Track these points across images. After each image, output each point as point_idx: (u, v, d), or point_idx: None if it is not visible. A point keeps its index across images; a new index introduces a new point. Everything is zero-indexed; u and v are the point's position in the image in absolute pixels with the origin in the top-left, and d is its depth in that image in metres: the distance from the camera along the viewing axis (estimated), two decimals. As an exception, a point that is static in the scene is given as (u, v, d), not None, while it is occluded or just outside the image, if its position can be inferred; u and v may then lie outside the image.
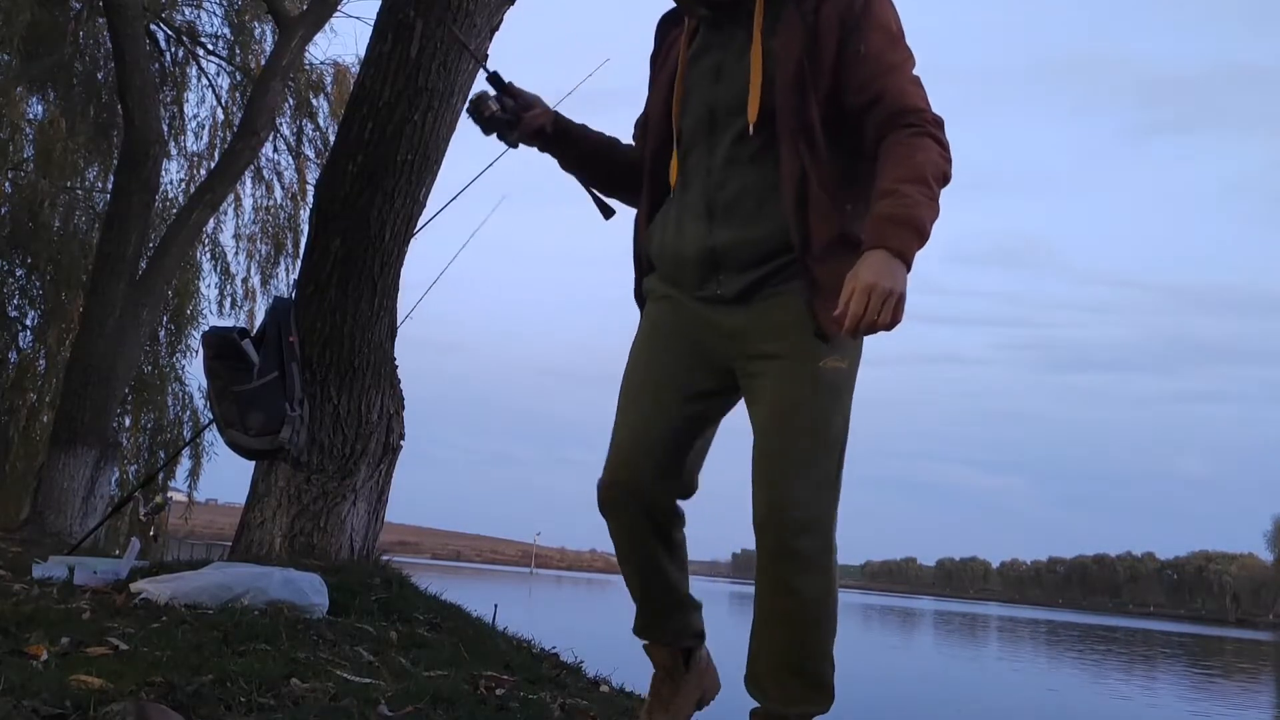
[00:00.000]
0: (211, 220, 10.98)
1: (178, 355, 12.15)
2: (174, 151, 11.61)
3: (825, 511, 1.84)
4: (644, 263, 2.10)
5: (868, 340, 1.85)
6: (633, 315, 2.13)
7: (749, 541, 1.87)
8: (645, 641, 2.11)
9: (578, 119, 2.20)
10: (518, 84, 2.13)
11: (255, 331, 3.78)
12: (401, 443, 3.97)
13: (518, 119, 2.09)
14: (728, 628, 1.63)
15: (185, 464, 11.87)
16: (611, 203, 2.20)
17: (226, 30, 11.73)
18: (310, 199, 6.65)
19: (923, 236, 1.72)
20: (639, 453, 1.95)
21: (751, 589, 1.94)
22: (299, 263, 4.19)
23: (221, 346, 3.67)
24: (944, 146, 1.82)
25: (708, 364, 1.98)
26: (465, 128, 4.18)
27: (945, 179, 1.81)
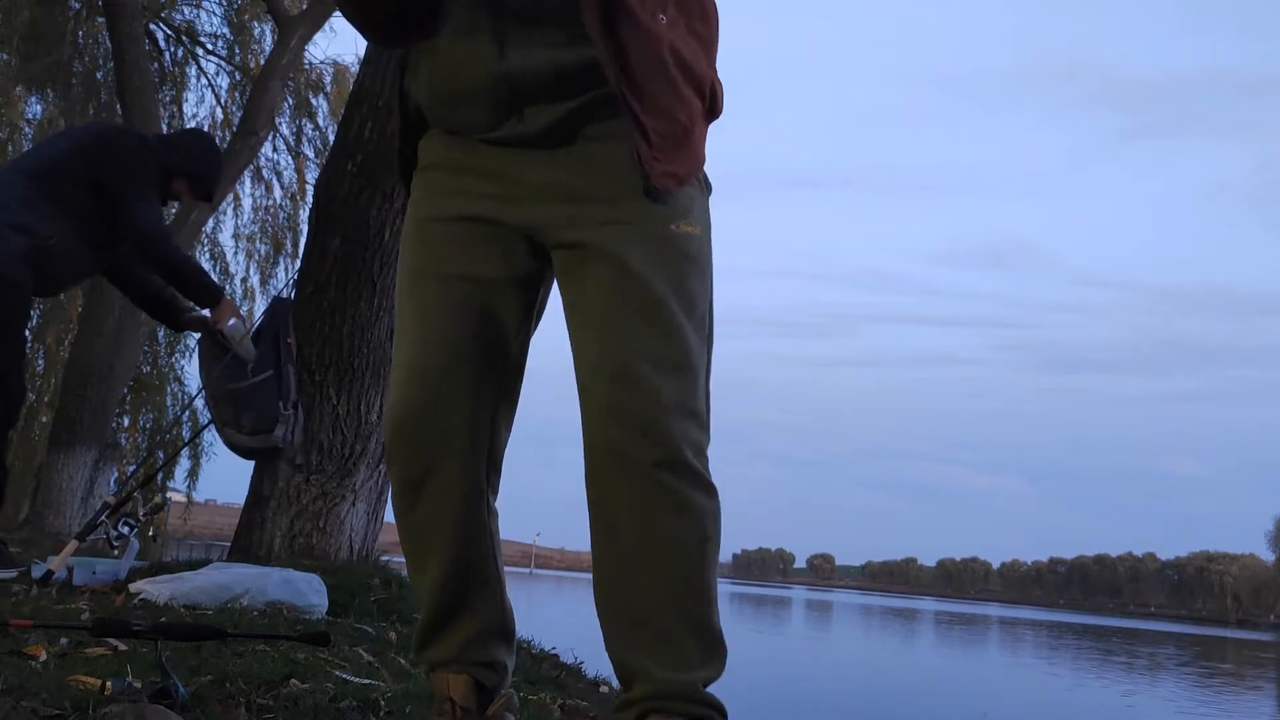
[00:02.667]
0: (210, 220, 10.98)
1: (176, 355, 12.15)
2: (173, 151, 11.59)
3: (687, 407, 1.41)
4: (411, 118, 1.60)
5: (863, 338, 1.61)
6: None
7: (750, 541, 1.63)
8: (427, 662, 1.58)
9: None
10: None
11: (252, 331, 3.79)
12: (401, 443, 3.96)
13: None
14: (731, 629, 1.49)
15: (184, 464, 11.90)
16: None
17: (226, 30, 11.73)
18: (309, 199, 6.66)
19: None
20: (429, 389, 1.48)
21: (757, 589, 1.61)
22: (298, 262, 4.19)
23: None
24: None
25: (506, 243, 1.51)
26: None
27: None
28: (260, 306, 12.31)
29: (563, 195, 1.46)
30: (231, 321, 3.68)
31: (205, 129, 11.99)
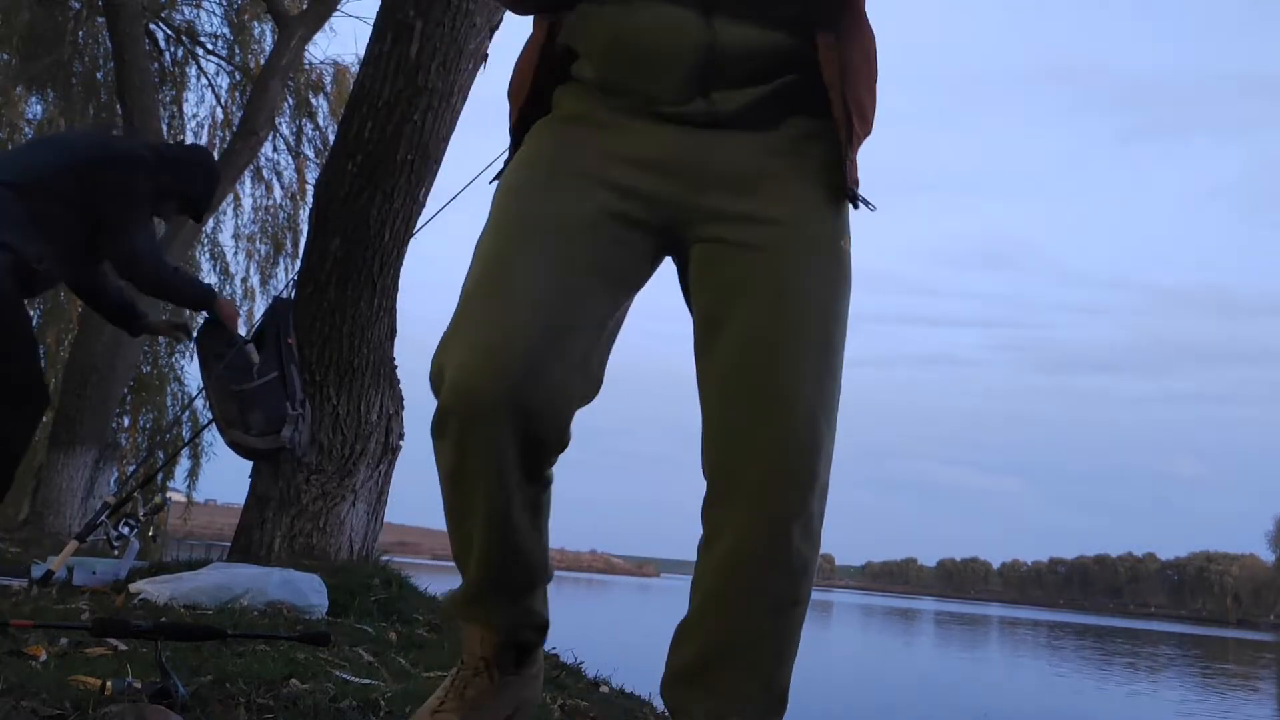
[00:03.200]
0: (210, 220, 10.98)
1: (176, 355, 12.15)
2: (173, 151, 11.58)
3: (830, 457, 1.33)
4: (549, 68, 1.43)
5: (864, 338, 1.37)
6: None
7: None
8: (465, 621, 1.50)
9: None
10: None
11: (254, 332, 3.79)
12: (401, 443, 3.96)
13: None
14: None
15: (184, 464, 11.90)
16: None
17: (226, 29, 11.73)
18: (309, 199, 6.67)
19: None
20: (515, 350, 1.24)
21: None
22: (298, 262, 4.19)
23: (212, 323, 3.76)
24: None
25: (638, 216, 1.35)
26: (465, 127, 4.20)
27: None
28: (260, 306, 12.32)
29: (737, 187, 1.33)
30: (249, 346, 3.67)
31: (205, 129, 11.99)
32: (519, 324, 1.26)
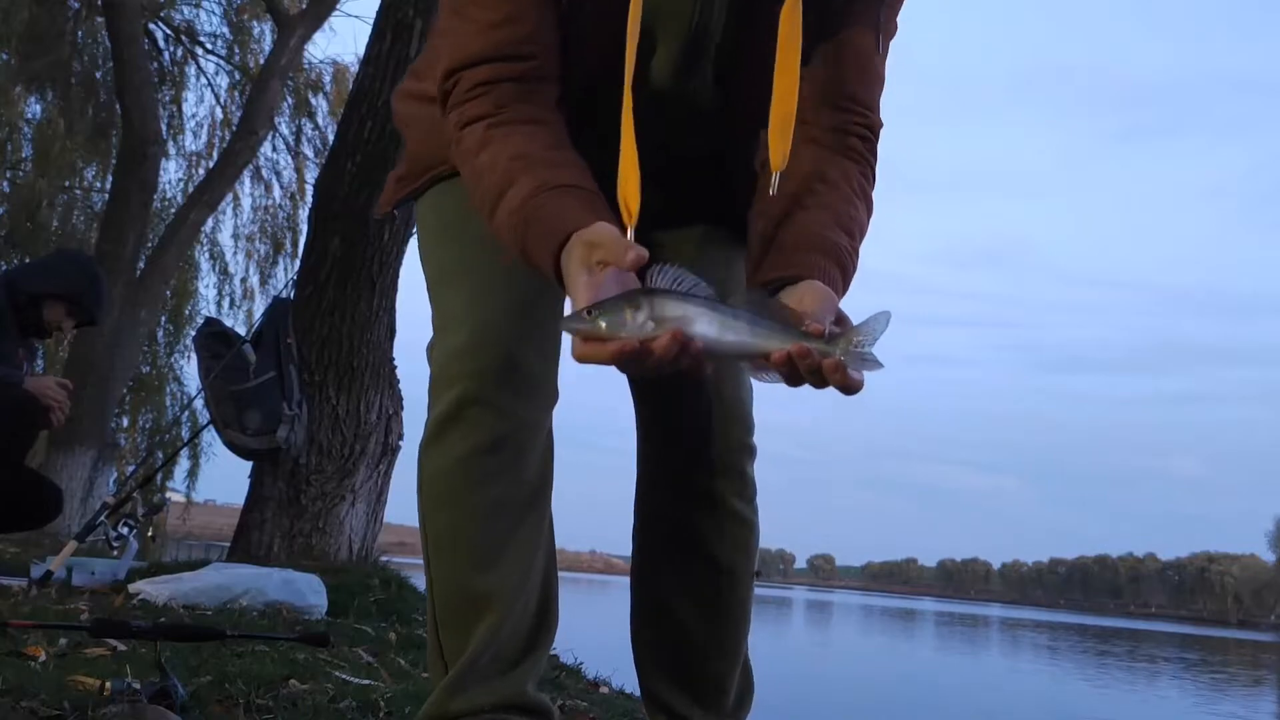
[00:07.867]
0: (210, 220, 10.98)
1: (176, 355, 12.15)
2: (172, 151, 11.61)
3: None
4: None
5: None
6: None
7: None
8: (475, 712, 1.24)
9: None
10: None
11: (252, 333, 3.79)
12: (400, 443, 3.96)
13: None
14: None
15: (184, 464, 11.89)
16: None
17: (225, 29, 11.73)
18: (309, 198, 6.67)
19: None
20: (518, 337, 1.20)
21: (758, 590, 1.52)
22: (298, 262, 4.19)
23: (211, 324, 3.75)
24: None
25: None
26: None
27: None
28: (260, 306, 12.31)
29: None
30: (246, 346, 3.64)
31: (204, 128, 11.99)
32: (517, 327, 1.22)
